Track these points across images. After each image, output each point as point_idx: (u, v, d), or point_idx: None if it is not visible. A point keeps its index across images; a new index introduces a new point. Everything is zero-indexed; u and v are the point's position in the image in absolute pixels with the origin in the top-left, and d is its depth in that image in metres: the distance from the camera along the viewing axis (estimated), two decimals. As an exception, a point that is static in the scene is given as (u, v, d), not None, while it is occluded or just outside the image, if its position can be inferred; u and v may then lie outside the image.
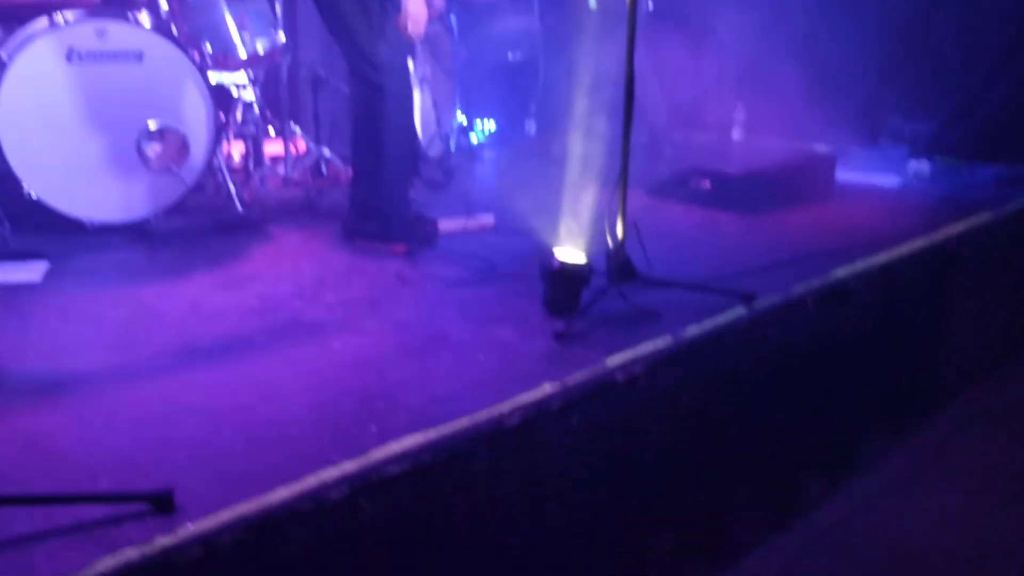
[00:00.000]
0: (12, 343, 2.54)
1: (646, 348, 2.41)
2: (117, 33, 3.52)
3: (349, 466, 1.77)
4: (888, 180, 4.82)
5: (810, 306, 2.90)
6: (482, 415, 1.99)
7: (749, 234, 3.81)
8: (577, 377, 2.21)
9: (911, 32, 5.00)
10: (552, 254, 2.83)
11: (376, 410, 2.09)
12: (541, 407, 2.08)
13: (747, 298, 2.79)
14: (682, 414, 2.50)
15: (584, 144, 4.07)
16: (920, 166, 4.96)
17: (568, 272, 2.74)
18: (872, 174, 4.87)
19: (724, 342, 2.59)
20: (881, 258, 3.27)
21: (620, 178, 2.77)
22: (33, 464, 1.85)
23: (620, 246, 2.78)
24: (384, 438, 1.90)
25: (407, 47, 3.49)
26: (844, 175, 4.69)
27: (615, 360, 2.34)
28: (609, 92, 4.14)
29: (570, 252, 2.84)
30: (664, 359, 2.39)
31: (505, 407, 2.04)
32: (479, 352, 2.48)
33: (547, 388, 2.14)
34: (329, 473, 1.74)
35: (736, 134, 5.32)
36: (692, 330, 2.55)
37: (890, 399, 3.48)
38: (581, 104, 4.27)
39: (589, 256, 2.84)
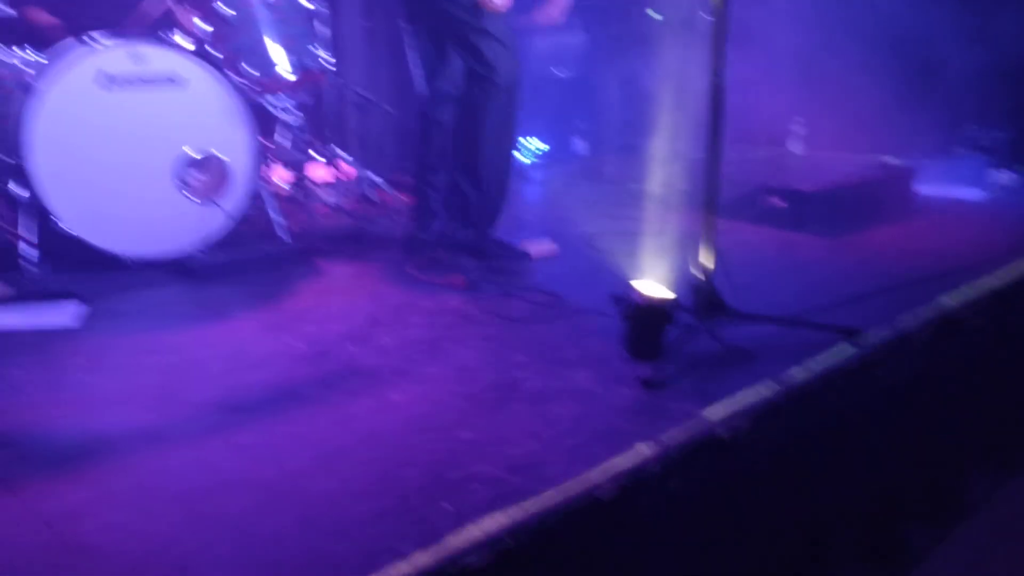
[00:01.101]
0: (37, 399, 2.31)
1: (749, 397, 2.12)
2: (153, 56, 3.35)
3: (423, 560, 1.49)
4: (971, 193, 4.51)
5: (921, 339, 2.59)
6: (572, 487, 1.71)
7: (832, 257, 3.54)
8: (675, 436, 1.91)
9: (984, 35, 4.66)
10: (630, 288, 2.54)
11: (447, 482, 1.81)
12: (639, 473, 1.79)
13: (853, 334, 2.48)
14: (784, 466, 2.20)
15: (645, 163, 3.81)
16: (1003, 177, 4.63)
17: (651, 309, 2.45)
18: (951, 187, 4.55)
19: (833, 386, 2.29)
20: (990, 282, 2.96)
21: (706, 201, 2.49)
22: (53, 558, 1.60)
23: (707, 277, 2.49)
24: (460, 519, 1.62)
25: (514, 43, 3.27)
26: (921, 188, 4.38)
27: (715, 413, 2.04)
28: (670, 106, 3.88)
29: (650, 285, 2.55)
30: (770, 409, 2.09)
31: (595, 475, 1.75)
32: (556, 403, 2.19)
33: (644, 451, 1.85)
34: (400, 570, 1.46)
35: (796, 147, 5.05)
36: (798, 374, 2.25)
37: (999, 435, 3.18)
38: (639, 121, 4.01)
39: (670, 288, 2.55)
